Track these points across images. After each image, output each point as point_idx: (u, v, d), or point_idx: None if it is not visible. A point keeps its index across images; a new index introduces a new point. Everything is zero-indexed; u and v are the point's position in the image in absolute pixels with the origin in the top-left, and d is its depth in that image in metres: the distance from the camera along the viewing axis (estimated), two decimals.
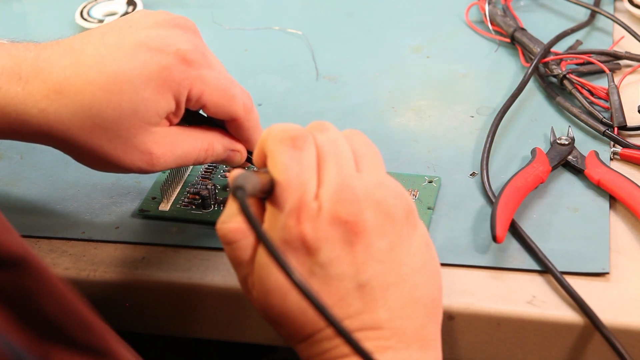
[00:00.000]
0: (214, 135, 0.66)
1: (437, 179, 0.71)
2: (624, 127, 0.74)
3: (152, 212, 0.69)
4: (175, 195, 0.71)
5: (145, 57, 0.61)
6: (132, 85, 0.60)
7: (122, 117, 0.60)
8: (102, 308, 0.67)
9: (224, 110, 0.64)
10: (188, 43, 0.62)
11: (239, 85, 0.65)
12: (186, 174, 0.72)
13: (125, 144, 0.62)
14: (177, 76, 0.61)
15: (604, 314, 0.60)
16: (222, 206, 0.69)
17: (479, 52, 0.87)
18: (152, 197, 0.71)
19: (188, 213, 0.69)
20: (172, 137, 0.63)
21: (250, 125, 0.66)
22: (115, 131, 0.61)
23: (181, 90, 0.61)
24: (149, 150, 0.62)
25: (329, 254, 0.54)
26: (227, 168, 0.73)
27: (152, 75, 0.60)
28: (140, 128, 0.61)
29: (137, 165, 0.62)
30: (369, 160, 0.57)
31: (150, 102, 0.61)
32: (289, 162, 0.54)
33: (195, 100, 0.63)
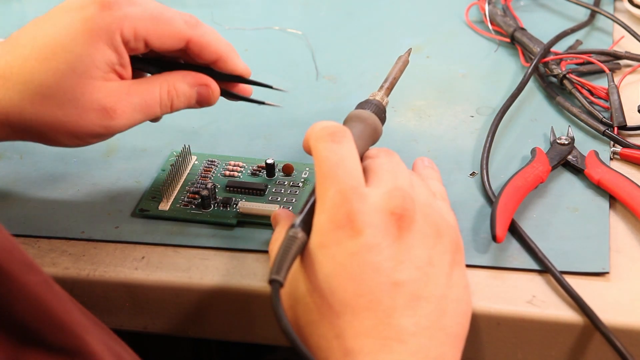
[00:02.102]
0: (175, 75, 0.66)
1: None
2: (623, 127, 0.74)
3: (151, 212, 0.69)
4: (175, 194, 0.71)
5: (68, 18, 0.63)
6: (62, 46, 0.62)
7: (63, 79, 0.62)
8: (102, 308, 0.67)
9: (168, 37, 0.64)
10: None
11: (173, 10, 0.66)
12: (186, 172, 0.72)
13: (77, 107, 0.63)
14: (101, 22, 0.62)
15: (604, 313, 0.60)
16: (221, 206, 0.69)
17: (479, 52, 0.87)
18: (151, 196, 0.71)
19: (188, 213, 0.69)
20: (125, 87, 0.64)
21: (208, 40, 0.66)
22: (63, 96, 0.62)
23: (112, 36, 0.62)
24: (103, 106, 0.63)
25: (372, 238, 0.54)
26: (227, 167, 0.73)
27: (78, 31, 0.62)
28: (86, 86, 0.62)
29: (99, 124, 0.63)
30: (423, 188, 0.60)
31: (85, 57, 0.62)
32: (328, 154, 0.57)
33: (133, 40, 0.63)
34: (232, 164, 0.73)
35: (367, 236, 0.54)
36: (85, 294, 0.67)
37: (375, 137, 0.64)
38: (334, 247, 0.54)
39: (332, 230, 0.55)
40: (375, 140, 0.64)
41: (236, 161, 0.73)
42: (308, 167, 0.72)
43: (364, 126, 0.63)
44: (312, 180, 0.71)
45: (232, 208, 0.69)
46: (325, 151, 0.57)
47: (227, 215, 0.68)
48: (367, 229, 0.54)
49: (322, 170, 0.56)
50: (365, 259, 0.54)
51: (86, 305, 0.66)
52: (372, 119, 0.63)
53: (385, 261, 0.54)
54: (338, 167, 0.56)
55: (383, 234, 0.55)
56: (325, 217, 0.55)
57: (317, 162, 0.57)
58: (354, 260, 0.54)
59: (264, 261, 0.66)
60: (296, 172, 0.72)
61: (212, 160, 0.74)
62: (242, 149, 0.75)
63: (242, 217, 0.68)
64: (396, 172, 0.58)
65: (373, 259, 0.54)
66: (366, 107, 0.64)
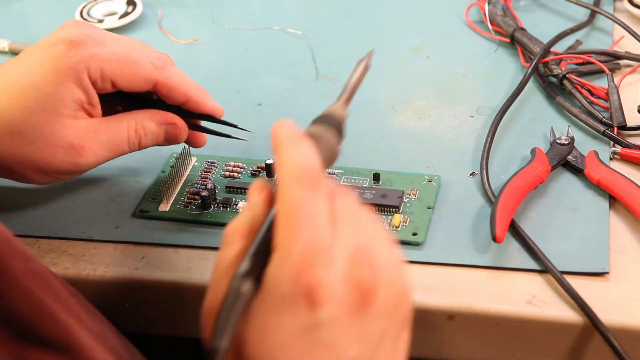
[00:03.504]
0: (143, 114, 0.67)
1: (437, 177, 0.71)
2: (623, 127, 0.74)
3: (151, 213, 0.70)
4: (175, 195, 0.71)
5: (38, 57, 0.64)
6: (31, 84, 0.63)
7: (32, 116, 0.63)
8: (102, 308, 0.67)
9: (135, 79, 0.65)
10: (74, 31, 0.65)
11: (144, 51, 0.66)
12: (186, 173, 0.72)
13: (46, 144, 0.64)
14: (69, 61, 0.63)
15: (604, 313, 0.60)
16: (221, 206, 0.69)
17: (479, 52, 0.87)
18: (151, 197, 0.71)
19: (188, 213, 0.69)
20: (93, 126, 0.65)
21: (176, 82, 0.66)
22: (32, 133, 0.63)
23: (79, 74, 0.63)
24: (71, 143, 0.64)
25: (330, 314, 0.48)
26: (227, 167, 0.73)
27: (47, 70, 0.63)
28: (55, 123, 0.63)
29: (67, 161, 0.64)
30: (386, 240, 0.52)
31: (54, 95, 0.63)
32: (301, 204, 0.48)
33: (99, 79, 0.64)
34: (232, 165, 0.73)
35: (326, 311, 0.47)
36: (85, 294, 0.66)
37: (332, 159, 0.54)
38: (289, 316, 0.48)
39: (289, 296, 0.47)
40: (331, 163, 0.54)
41: (236, 162, 0.73)
42: None
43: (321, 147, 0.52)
44: None
45: (232, 208, 0.69)
46: (297, 199, 0.48)
47: (227, 215, 0.68)
48: (328, 303, 0.47)
49: (291, 219, 0.48)
50: (320, 336, 0.48)
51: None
52: (327, 139, 0.53)
53: (340, 338, 0.48)
54: (309, 221, 0.48)
55: (343, 309, 0.48)
56: (286, 278, 0.48)
57: (287, 207, 0.48)
58: (307, 335, 0.48)
59: None
60: None
61: (211, 162, 0.74)
62: (242, 149, 0.75)
63: None
64: (358, 222, 0.50)
65: (328, 336, 0.48)
66: (321, 123, 0.54)
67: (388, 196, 0.68)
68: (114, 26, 0.91)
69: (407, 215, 0.67)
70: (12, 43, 0.89)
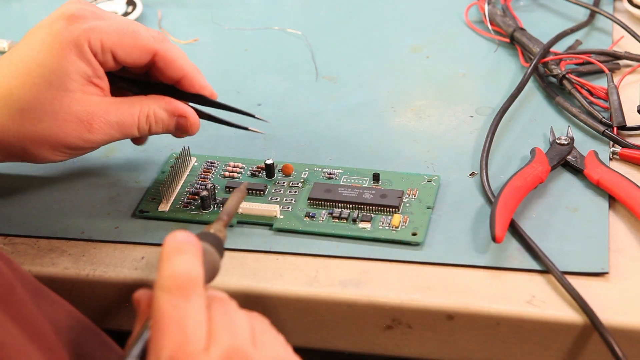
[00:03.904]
0: (157, 101, 0.67)
1: (437, 177, 0.71)
2: (623, 127, 0.74)
3: (151, 213, 0.70)
4: (175, 195, 0.71)
5: (39, 34, 0.65)
6: (36, 61, 0.64)
7: (40, 92, 0.64)
8: (102, 308, 0.67)
9: (135, 49, 0.65)
10: (73, 7, 0.65)
11: (141, 25, 0.67)
12: (185, 173, 0.72)
13: (56, 119, 0.64)
14: (69, 35, 0.64)
15: (604, 313, 0.60)
16: (221, 206, 0.69)
17: (479, 52, 0.87)
18: (151, 197, 0.71)
19: (187, 214, 0.69)
20: (104, 105, 0.65)
21: (174, 56, 0.67)
22: (41, 109, 0.64)
23: (80, 47, 0.64)
24: (80, 119, 0.64)
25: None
26: (227, 167, 0.73)
27: (48, 45, 0.64)
28: (63, 98, 0.64)
29: (77, 136, 0.65)
30: (268, 338, 0.53)
31: (59, 70, 0.64)
32: (169, 308, 0.50)
33: (100, 51, 0.65)
34: (232, 165, 0.73)
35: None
36: (85, 294, 0.67)
37: (213, 274, 0.56)
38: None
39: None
40: (212, 277, 0.56)
41: (235, 162, 0.73)
42: (307, 167, 0.72)
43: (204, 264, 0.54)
44: (312, 181, 0.71)
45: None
46: (166, 306, 0.50)
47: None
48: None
49: (159, 326, 0.49)
50: None
51: (86, 305, 0.67)
52: (210, 254, 0.55)
53: None
54: (176, 327, 0.49)
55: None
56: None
57: (155, 314, 0.50)
58: None
59: (264, 261, 0.66)
60: (295, 172, 0.72)
61: (211, 162, 0.74)
62: (241, 149, 0.75)
63: (242, 217, 0.68)
64: (233, 325, 0.51)
65: None
66: (206, 240, 0.56)
67: (388, 196, 0.68)
68: None
69: (406, 216, 0.67)
70: (12, 43, 0.89)
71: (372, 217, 0.67)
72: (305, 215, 0.68)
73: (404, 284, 0.63)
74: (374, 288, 0.63)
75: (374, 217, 0.67)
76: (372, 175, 0.71)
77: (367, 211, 0.68)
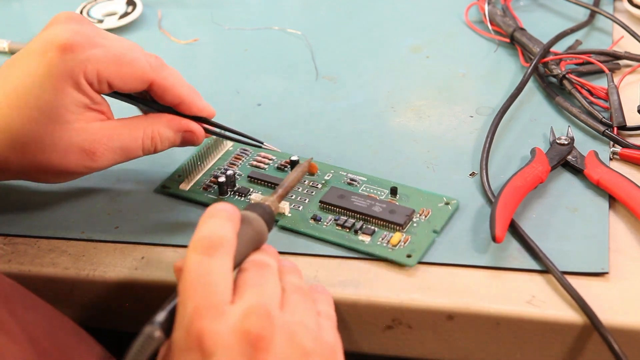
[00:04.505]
0: (159, 120, 0.67)
1: (455, 202, 0.68)
2: (623, 127, 0.74)
3: (172, 190, 0.71)
4: (199, 177, 0.72)
5: (33, 63, 0.63)
6: (32, 94, 0.62)
7: (39, 125, 0.63)
8: (102, 308, 0.67)
9: (131, 79, 0.65)
10: (67, 33, 0.63)
11: (139, 51, 0.66)
12: (218, 156, 0.74)
13: (57, 151, 0.64)
14: (63, 67, 0.62)
15: (604, 313, 0.60)
16: (237, 194, 0.70)
17: (479, 52, 0.87)
18: (178, 174, 0.72)
19: (205, 197, 0.70)
20: (106, 130, 0.65)
21: (172, 83, 0.66)
22: (42, 141, 0.63)
23: (76, 79, 0.63)
24: (82, 149, 0.64)
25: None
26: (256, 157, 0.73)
27: (43, 77, 0.62)
28: (63, 130, 0.63)
29: (81, 165, 0.64)
30: (301, 309, 0.55)
31: (54, 102, 0.62)
32: (194, 266, 0.53)
33: (97, 81, 0.64)
34: (262, 156, 0.74)
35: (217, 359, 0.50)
36: (85, 294, 0.67)
37: (259, 242, 0.59)
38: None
39: (185, 351, 0.51)
40: (258, 245, 0.59)
41: (267, 153, 0.74)
42: (333, 169, 0.72)
43: (246, 229, 0.58)
44: (332, 184, 0.71)
45: (246, 199, 0.70)
46: (193, 263, 0.53)
47: (241, 205, 0.69)
48: (218, 352, 0.50)
49: (185, 281, 0.53)
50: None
51: (86, 305, 0.67)
52: (258, 223, 0.59)
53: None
54: (200, 281, 0.53)
55: (236, 357, 0.51)
56: (180, 334, 0.52)
57: (183, 272, 0.53)
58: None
59: None
60: (320, 172, 0.72)
61: (245, 149, 0.74)
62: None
63: None
64: (261, 286, 0.54)
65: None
66: (255, 210, 0.60)
67: (396, 213, 0.67)
68: (113, 26, 0.91)
69: (408, 236, 0.66)
70: (12, 43, 0.89)
71: (375, 231, 0.66)
72: (312, 217, 0.68)
73: (404, 284, 0.63)
74: (374, 288, 0.63)
75: (376, 231, 0.66)
76: (390, 189, 0.70)
77: (372, 224, 0.67)
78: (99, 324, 0.67)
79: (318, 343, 0.53)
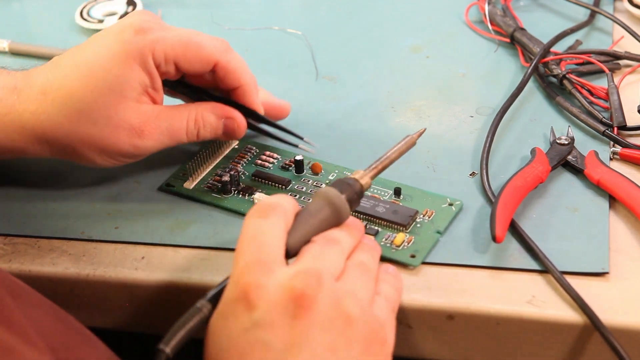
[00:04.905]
0: (204, 105, 0.70)
1: (459, 203, 0.68)
2: (623, 127, 0.74)
3: (176, 188, 0.71)
4: (204, 175, 0.72)
5: (106, 40, 0.66)
6: (101, 66, 0.66)
7: (101, 96, 0.65)
8: (102, 308, 0.67)
9: (198, 60, 0.68)
10: (140, 19, 0.67)
11: (205, 35, 0.69)
12: (223, 154, 0.74)
13: (110, 125, 0.66)
14: (136, 45, 0.66)
15: (604, 313, 0.60)
16: (241, 194, 0.70)
17: (479, 52, 0.87)
18: (182, 172, 0.72)
19: (209, 196, 0.70)
20: (155, 112, 0.67)
21: (235, 66, 0.69)
22: (97, 113, 0.65)
23: (145, 58, 0.66)
24: (133, 126, 0.66)
25: (265, 315, 0.52)
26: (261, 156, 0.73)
27: (115, 53, 0.66)
28: (120, 104, 0.66)
29: (128, 143, 0.66)
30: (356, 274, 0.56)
31: (122, 77, 0.65)
32: (248, 228, 0.56)
33: (163, 62, 0.67)
34: (267, 154, 0.74)
35: (260, 312, 0.52)
36: (85, 294, 0.67)
37: (338, 221, 0.59)
38: (231, 320, 0.53)
39: (231, 302, 0.53)
40: (336, 223, 0.59)
41: (272, 152, 0.74)
42: (337, 169, 0.72)
43: (323, 207, 0.59)
44: None
45: (250, 198, 0.70)
46: (247, 225, 0.56)
47: (244, 204, 0.69)
48: (261, 304, 0.52)
49: (239, 242, 0.56)
50: (257, 336, 0.52)
51: (86, 305, 0.67)
52: (337, 201, 0.59)
53: (277, 341, 0.51)
54: (253, 240, 0.55)
55: (279, 312, 0.52)
56: (229, 288, 0.54)
57: (240, 236, 0.56)
58: (245, 336, 0.52)
59: None
60: (324, 172, 0.72)
61: (250, 147, 0.74)
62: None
63: None
64: (321, 256, 0.56)
65: (264, 337, 0.51)
66: (340, 187, 0.60)
67: (399, 213, 0.67)
68: None
69: (412, 236, 0.66)
70: (12, 43, 0.89)
71: (378, 231, 0.66)
72: None
73: (404, 284, 0.63)
74: None
75: (380, 232, 0.66)
76: (394, 189, 0.69)
77: (376, 224, 0.67)
78: (99, 324, 0.67)
79: (364, 314, 0.54)
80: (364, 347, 0.53)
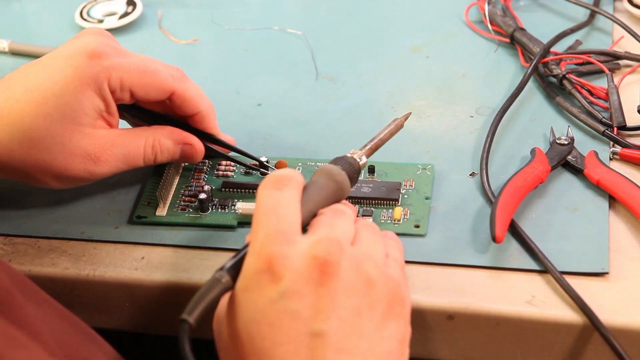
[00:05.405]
0: (161, 131, 0.69)
1: (431, 166, 0.71)
2: (623, 127, 0.74)
3: (149, 218, 0.69)
4: (171, 198, 0.70)
5: (60, 65, 0.65)
6: (54, 92, 0.64)
7: (52, 123, 0.64)
8: (102, 308, 0.67)
9: (154, 89, 0.67)
10: (96, 42, 0.66)
11: (161, 63, 0.68)
12: (178, 175, 0.72)
13: (64, 151, 0.65)
14: (90, 71, 0.64)
15: (604, 313, 0.60)
16: (219, 208, 0.69)
17: (479, 52, 0.87)
18: (146, 201, 0.70)
19: (186, 217, 0.69)
20: (111, 137, 0.66)
21: (191, 95, 0.68)
22: (51, 139, 0.64)
23: (99, 84, 0.65)
24: (87, 153, 0.65)
25: (292, 285, 0.52)
26: (219, 167, 0.73)
27: (68, 79, 0.64)
28: (73, 131, 0.64)
29: (83, 169, 0.65)
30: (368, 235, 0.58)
31: (75, 104, 0.64)
32: (265, 199, 0.56)
33: (119, 89, 0.66)
34: (225, 164, 0.73)
35: (287, 282, 0.52)
36: (85, 294, 0.67)
37: (341, 196, 0.62)
38: (256, 292, 0.53)
39: (255, 274, 0.53)
40: (339, 198, 0.61)
41: (226, 161, 0.73)
42: (301, 162, 0.73)
43: (328, 182, 0.61)
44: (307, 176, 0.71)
45: (231, 209, 0.69)
46: (263, 197, 0.57)
47: (227, 217, 0.68)
48: (287, 274, 0.52)
49: (257, 214, 0.56)
50: (285, 306, 0.52)
51: (86, 305, 0.67)
52: (340, 178, 0.61)
53: (305, 309, 0.52)
54: (271, 211, 0.55)
55: (304, 280, 0.53)
56: (250, 260, 0.54)
57: (255, 207, 0.56)
58: (273, 307, 0.52)
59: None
60: (290, 167, 0.72)
61: (202, 161, 0.73)
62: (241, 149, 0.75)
63: (242, 218, 0.68)
64: (335, 225, 0.57)
65: (292, 306, 0.52)
66: (339, 164, 0.62)
67: (386, 189, 0.68)
68: (113, 26, 0.91)
69: (406, 208, 0.67)
70: (12, 43, 0.89)
71: (372, 212, 0.67)
72: None
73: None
74: None
75: (374, 211, 0.67)
76: (367, 168, 0.71)
77: (367, 205, 0.68)
78: (99, 324, 0.67)
79: (383, 275, 0.55)
80: (386, 309, 0.55)
